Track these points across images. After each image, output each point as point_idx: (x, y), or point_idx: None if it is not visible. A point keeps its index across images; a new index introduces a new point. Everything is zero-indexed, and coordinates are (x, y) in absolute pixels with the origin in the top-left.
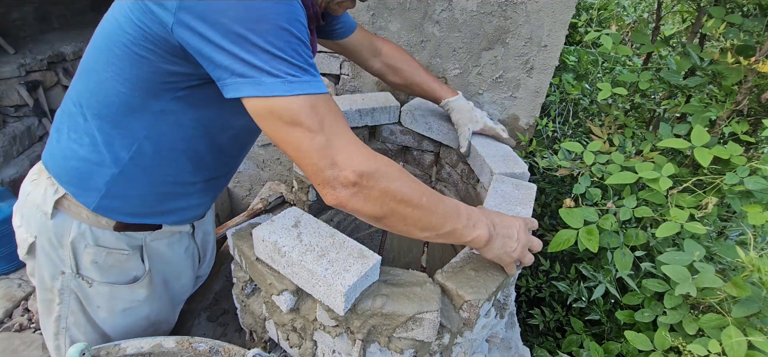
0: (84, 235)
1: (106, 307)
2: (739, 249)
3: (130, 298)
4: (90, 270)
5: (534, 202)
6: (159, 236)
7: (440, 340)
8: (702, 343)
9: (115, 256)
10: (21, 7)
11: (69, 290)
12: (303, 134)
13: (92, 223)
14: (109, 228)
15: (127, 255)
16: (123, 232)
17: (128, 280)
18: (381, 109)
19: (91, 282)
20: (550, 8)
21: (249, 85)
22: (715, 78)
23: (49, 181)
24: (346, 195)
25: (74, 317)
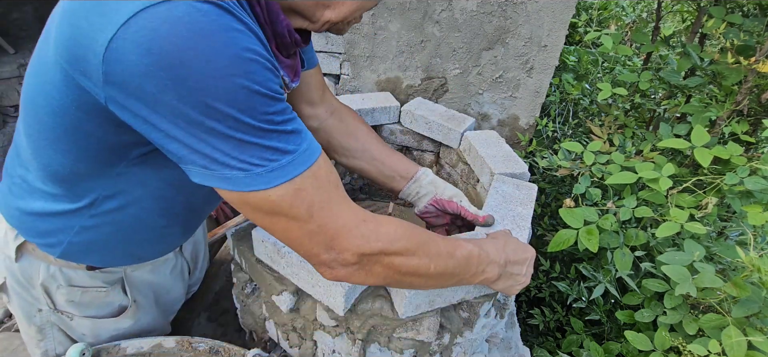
0: (54, 277)
1: (90, 335)
2: (739, 249)
3: (114, 327)
4: (67, 307)
5: (534, 202)
6: (140, 266)
7: (440, 340)
8: (702, 343)
9: (92, 293)
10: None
11: (50, 324)
12: (288, 223)
13: (61, 264)
14: (81, 268)
15: (106, 291)
16: (96, 270)
17: (111, 313)
18: (381, 109)
19: (72, 316)
20: (550, 8)
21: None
22: (715, 78)
23: (7, 226)
24: (345, 273)
25: (62, 347)
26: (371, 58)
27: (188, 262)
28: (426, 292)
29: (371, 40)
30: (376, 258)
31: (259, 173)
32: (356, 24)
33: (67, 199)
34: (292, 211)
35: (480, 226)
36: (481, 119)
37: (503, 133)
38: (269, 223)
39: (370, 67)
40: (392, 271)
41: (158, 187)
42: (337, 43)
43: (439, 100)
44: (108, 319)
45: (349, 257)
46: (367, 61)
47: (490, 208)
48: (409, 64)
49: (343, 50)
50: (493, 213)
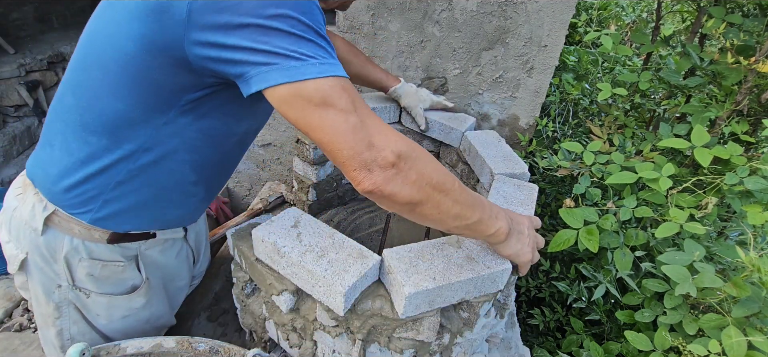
0: (77, 250)
1: (104, 315)
2: (739, 249)
3: (127, 306)
4: (86, 282)
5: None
6: (153, 244)
7: (440, 340)
8: (702, 343)
9: (111, 267)
10: (21, 7)
11: (67, 302)
12: (337, 116)
13: (85, 237)
14: (102, 241)
15: (123, 266)
16: (117, 244)
17: (125, 291)
18: (381, 109)
19: (89, 293)
20: (550, 8)
21: (274, 71)
22: (715, 78)
23: (36, 197)
24: (383, 178)
25: (77, 326)
26: (372, 53)
27: (192, 249)
28: (426, 293)
29: (371, 40)
30: (412, 161)
31: (314, 64)
32: (356, 24)
33: (109, 152)
34: (340, 102)
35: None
36: (481, 119)
37: (503, 133)
38: (318, 118)
39: None
40: (424, 182)
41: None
42: None
43: None
44: (122, 297)
45: (388, 156)
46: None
47: None
48: (409, 64)
49: None
50: None
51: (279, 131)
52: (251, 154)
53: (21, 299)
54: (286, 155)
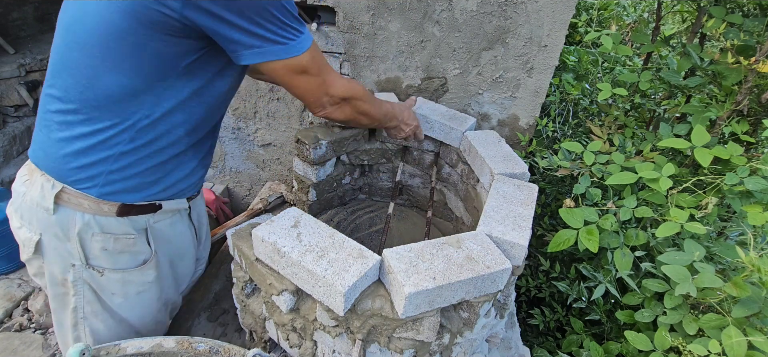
0: (89, 225)
1: (120, 292)
2: (739, 249)
3: (141, 280)
4: (100, 258)
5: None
6: (161, 217)
7: (440, 340)
8: (702, 343)
9: (123, 241)
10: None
11: (82, 281)
12: (309, 79)
13: (95, 211)
14: (112, 214)
15: (134, 239)
16: (126, 217)
17: (138, 264)
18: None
19: (102, 271)
20: (550, 8)
21: (268, 53)
22: (715, 78)
23: (43, 177)
24: (331, 110)
25: (91, 306)
26: (371, 58)
27: (196, 229)
28: (426, 293)
29: (371, 40)
30: (351, 101)
31: (293, 45)
32: (356, 24)
33: (113, 125)
34: (312, 69)
35: None
36: (481, 119)
37: (503, 133)
38: (297, 81)
39: (370, 67)
40: (355, 111)
41: (186, 99)
42: (337, 43)
43: (439, 100)
44: (135, 271)
45: (336, 99)
46: (367, 61)
47: (491, 208)
48: (409, 64)
49: (343, 50)
50: (494, 213)
51: (279, 131)
52: (251, 154)
53: (21, 299)
54: (286, 155)
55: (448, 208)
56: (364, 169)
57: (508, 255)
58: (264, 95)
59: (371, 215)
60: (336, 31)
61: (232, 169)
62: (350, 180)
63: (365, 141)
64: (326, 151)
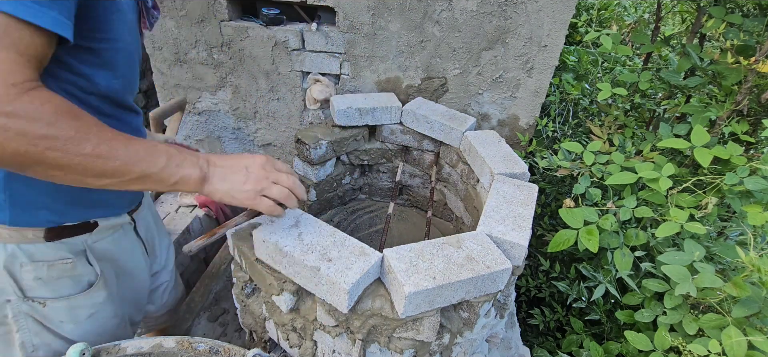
0: (15, 255)
1: (69, 319)
2: (739, 249)
3: (90, 303)
4: (37, 289)
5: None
6: (99, 236)
7: (440, 340)
8: (702, 343)
9: (59, 267)
10: None
11: (23, 314)
12: None
13: (18, 240)
14: (39, 240)
15: (72, 262)
16: (57, 241)
17: (83, 288)
18: (382, 109)
19: (44, 302)
20: (550, 8)
21: None
22: (715, 78)
23: None
24: None
25: (40, 338)
26: (371, 58)
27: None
28: (426, 293)
29: (371, 40)
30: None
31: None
32: (356, 24)
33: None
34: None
35: None
36: (481, 119)
37: (503, 133)
38: None
39: (370, 67)
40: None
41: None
42: (337, 43)
43: (439, 100)
44: (81, 296)
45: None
46: (367, 61)
47: (491, 208)
48: (409, 64)
49: (343, 50)
50: (494, 213)
51: (279, 131)
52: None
53: None
54: (286, 155)
55: (448, 208)
56: (364, 169)
57: (508, 255)
58: (264, 95)
59: (371, 215)
60: (336, 31)
61: None
62: (350, 180)
63: (365, 141)
64: (326, 151)
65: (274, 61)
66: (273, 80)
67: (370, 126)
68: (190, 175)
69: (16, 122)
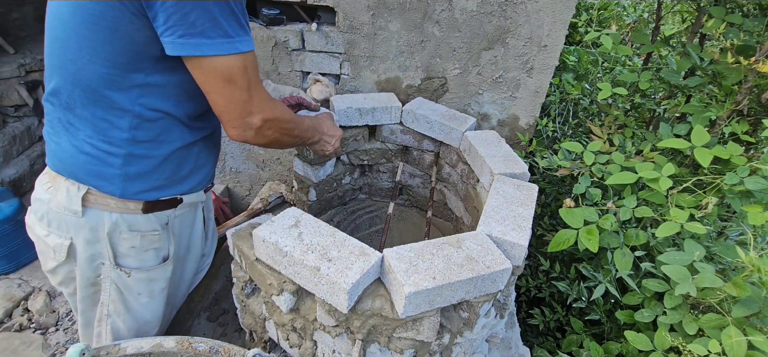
0: (117, 224)
1: (146, 291)
2: (739, 249)
3: (164, 277)
4: (128, 257)
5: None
6: (181, 211)
7: (440, 340)
8: (702, 343)
9: (149, 237)
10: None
11: (110, 280)
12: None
13: (121, 209)
14: (138, 212)
15: (159, 235)
16: (151, 213)
17: (160, 261)
18: (382, 109)
19: (130, 272)
20: (550, 8)
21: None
22: (715, 78)
23: (68, 183)
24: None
25: (114, 305)
26: (371, 58)
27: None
28: (426, 293)
29: (371, 40)
30: (271, 123)
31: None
32: (356, 24)
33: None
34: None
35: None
36: (481, 119)
37: (503, 133)
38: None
39: (370, 67)
40: (277, 133)
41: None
42: (337, 43)
43: (439, 100)
44: (158, 269)
45: (258, 123)
46: (367, 61)
47: (491, 208)
48: (409, 64)
49: (343, 50)
50: (494, 213)
51: None
52: (251, 154)
53: (21, 299)
54: (286, 155)
55: (448, 208)
56: (364, 169)
57: (508, 255)
58: None
59: (371, 215)
60: (336, 31)
61: (232, 169)
62: (350, 180)
63: (365, 141)
64: None
65: (274, 61)
66: (273, 80)
67: (370, 126)
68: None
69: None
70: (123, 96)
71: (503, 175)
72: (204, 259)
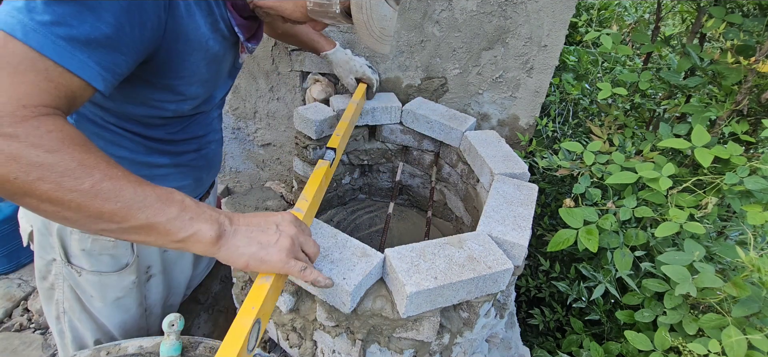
0: None
1: (98, 296)
2: (739, 249)
3: (119, 285)
4: (79, 258)
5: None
6: None
7: (440, 340)
8: (702, 343)
9: (101, 242)
10: None
11: (62, 277)
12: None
13: None
14: None
15: (114, 242)
16: None
17: (117, 268)
18: (382, 109)
19: (80, 271)
20: (550, 8)
21: None
22: (715, 78)
23: None
24: None
25: (69, 304)
26: (371, 58)
27: None
28: (427, 293)
29: None
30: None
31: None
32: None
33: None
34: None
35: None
36: (481, 119)
37: (503, 133)
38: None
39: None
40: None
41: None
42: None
43: (439, 100)
44: (113, 275)
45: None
46: (367, 61)
47: (491, 208)
48: (409, 64)
49: None
50: (494, 213)
51: (279, 131)
52: (251, 154)
53: (20, 299)
54: (286, 155)
55: (448, 208)
56: (364, 169)
57: (508, 255)
58: (264, 95)
59: (371, 215)
60: (336, 30)
61: (232, 169)
62: (350, 180)
63: (365, 141)
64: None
65: (274, 60)
66: (273, 80)
67: (370, 126)
68: (204, 234)
69: (12, 144)
70: None
71: (503, 175)
72: (199, 265)
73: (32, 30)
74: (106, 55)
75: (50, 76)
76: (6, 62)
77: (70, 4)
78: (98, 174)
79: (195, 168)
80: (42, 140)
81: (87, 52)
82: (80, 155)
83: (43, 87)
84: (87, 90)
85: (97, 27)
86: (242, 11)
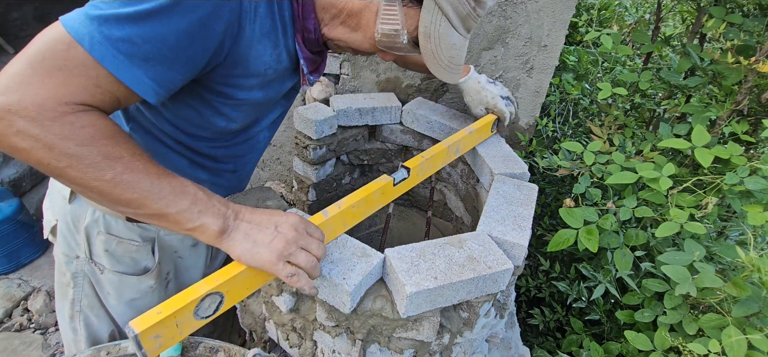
0: (97, 222)
1: (114, 294)
2: (739, 249)
3: (137, 288)
4: (102, 257)
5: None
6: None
7: (440, 340)
8: (702, 342)
9: (126, 245)
10: (21, 7)
11: (83, 274)
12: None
13: (106, 210)
14: (121, 218)
15: (138, 246)
16: (135, 223)
17: (137, 271)
18: (382, 109)
19: (103, 269)
20: (550, 8)
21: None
22: (715, 78)
23: None
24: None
25: (88, 300)
26: (371, 58)
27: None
28: (427, 293)
29: None
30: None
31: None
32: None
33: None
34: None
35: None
36: None
37: (503, 133)
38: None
39: (370, 67)
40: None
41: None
42: None
43: (439, 100)
44: (133, 277)
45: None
46: (367, 61)
47: (491, 208)
48: None
49: None
50: (494, 213)
51: (279, 131)
52: None
53: (20, 299)
54: (286, 155)
55: (448, 208)
56: (364, 169)
57: (509, 255)
58: None
59: (371, 215)
60: None
61: None
62: (350, 180)
63: (365, 141)
64: (326, 151)
65: None
66: None
67: (370, 126)
68: (209, 226)
69: (48, 135)
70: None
71: (503, 175)
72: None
73: (98, 43)
74: (162, 72)
75: (99, 83)
76: (64, 64)
77: (140, 26)
78: (120, 167)
79: (226, 188)
80: (75, 134)
81: (144, 69)
82: (107, 149)
83: (90, 91)
84: (135, 98)
85: (158, 48)
86: (312, 46)
